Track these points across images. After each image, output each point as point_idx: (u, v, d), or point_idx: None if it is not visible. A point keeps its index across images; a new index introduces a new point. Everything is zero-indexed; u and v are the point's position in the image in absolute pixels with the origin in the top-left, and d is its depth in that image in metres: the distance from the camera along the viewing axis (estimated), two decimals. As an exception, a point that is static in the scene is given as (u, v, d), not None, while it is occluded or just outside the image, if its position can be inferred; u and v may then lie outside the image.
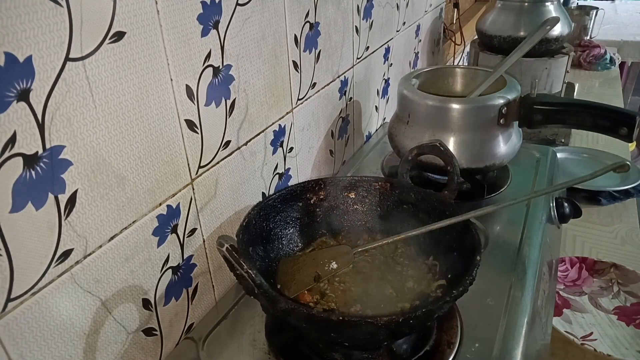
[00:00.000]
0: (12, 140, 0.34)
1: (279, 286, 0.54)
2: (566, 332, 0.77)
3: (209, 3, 0.50)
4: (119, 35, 0.40)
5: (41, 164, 0.36)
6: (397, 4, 1.04)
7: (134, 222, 0.46)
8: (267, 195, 0.68)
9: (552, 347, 0.72)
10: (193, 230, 0.55)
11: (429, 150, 0.62)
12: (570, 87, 1.71)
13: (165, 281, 0.52)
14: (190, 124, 0.51)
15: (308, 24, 0.70)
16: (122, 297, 0.46)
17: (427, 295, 0.52)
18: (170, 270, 0.52)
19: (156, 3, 0.44)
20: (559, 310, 0.84)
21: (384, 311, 0.50)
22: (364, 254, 0.58)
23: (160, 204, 0.49)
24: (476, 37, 1.35)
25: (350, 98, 0.91)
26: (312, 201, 0.61)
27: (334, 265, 0.55)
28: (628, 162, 0.52)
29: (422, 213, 0.58)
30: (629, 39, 2.27)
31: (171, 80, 0.47)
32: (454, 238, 0.52)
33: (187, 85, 0.49)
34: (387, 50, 1.04)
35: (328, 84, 0.80)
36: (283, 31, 0.64)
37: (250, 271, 0.43)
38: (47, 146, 0.36)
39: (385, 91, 1.10)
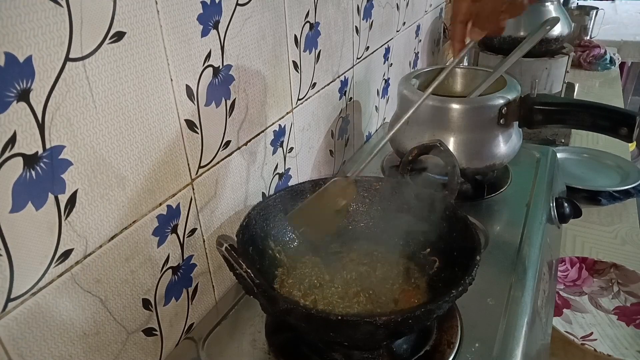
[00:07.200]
0: (12, 140, 0.34)
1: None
2: (566, 332, 0.77)
3: (209, 3, 0.50)
4: (119, 36, 0.40)
5: (41, 164, 0.36)
6: (397, 4, 1.04)
7: (134, 222, 0.46)
8: (267, 195, 0.68)
9: (552, 347, 0.71)
10: (193, 230, 0.55)
11: (429, 150, 0.62)
12: (570, 87, 1.71)
13: (165, 281, 0.52)
14: (190, 124, 0.51)
15: (308, 24, 0.70)
16: (122, 297, 0.46)
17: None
18: (170, 270, 0.52)
19: (156, 3, 0.44)
20: (559, 310, 0.84)
21: (383, 311, 0.50)
22: (364, 254, 0.58)
23: (160, 204, 0.49)
24: (476, 37, 1.35)
25: (350, 98, 0.91)
26: (312, 201, 0.61)
27: (342, 201, 0.57)
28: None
29: (422, 213, 0.58)
30: (629, 39, 2.27)
31: (171, 80, 0.47)
32: (454, 238, 0.53)
33: (187, 85, 0.49)
34: (387, 50, 1.04)
35: (328, 84, 0.80)
36: (283, 31, 0.64)
37: (249, 271, 0.43)
38: (47, 146, 0.36)
39: (385, 91, 1.10)
